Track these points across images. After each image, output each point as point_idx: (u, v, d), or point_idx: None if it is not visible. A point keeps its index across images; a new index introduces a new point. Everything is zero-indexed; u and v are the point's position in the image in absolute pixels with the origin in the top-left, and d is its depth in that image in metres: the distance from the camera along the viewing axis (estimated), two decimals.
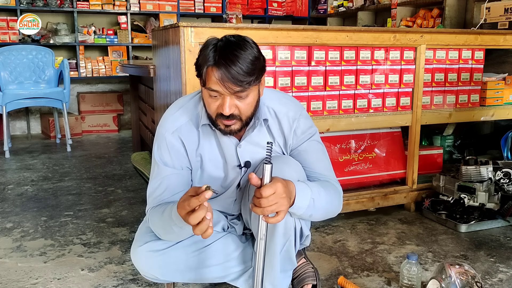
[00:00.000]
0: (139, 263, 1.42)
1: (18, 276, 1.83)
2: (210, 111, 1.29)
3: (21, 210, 2.60)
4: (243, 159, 1.41)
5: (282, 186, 1.14)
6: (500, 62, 3.03)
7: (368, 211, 2.51)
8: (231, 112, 1.24)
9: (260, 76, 1.26)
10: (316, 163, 1.43)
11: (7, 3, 4.77)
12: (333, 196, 1.38)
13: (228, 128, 1.29)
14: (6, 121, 4.13)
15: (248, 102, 1.26)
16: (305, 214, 1.29)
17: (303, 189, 1.26)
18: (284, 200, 1.14)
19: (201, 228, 1.10)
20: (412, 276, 1.65)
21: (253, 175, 1.13)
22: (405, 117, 2.47)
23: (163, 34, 2.40)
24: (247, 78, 1.19)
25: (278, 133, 1.43)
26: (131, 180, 3.21)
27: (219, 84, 1.20)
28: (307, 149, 1.44)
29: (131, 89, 3.84)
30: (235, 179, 1.45)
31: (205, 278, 1.46)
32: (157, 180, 1.39)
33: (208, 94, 1.26)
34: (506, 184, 2.37)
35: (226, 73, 1.18)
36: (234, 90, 1.20)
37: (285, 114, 1.42)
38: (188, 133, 1.38)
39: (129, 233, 2.26)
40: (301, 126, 1.43)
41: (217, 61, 1.19)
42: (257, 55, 1.24)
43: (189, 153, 1.40)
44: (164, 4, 5.36)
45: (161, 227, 1.34)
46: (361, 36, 2.26)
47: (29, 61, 4.37)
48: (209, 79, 1.22)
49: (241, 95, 1.23)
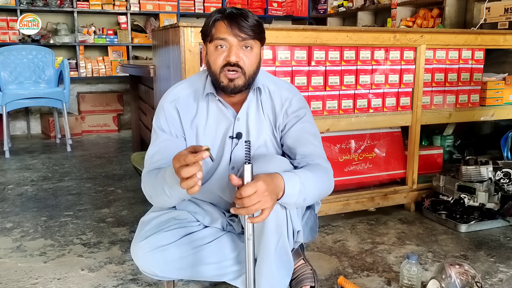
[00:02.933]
0: (139, 259, 1.42)
1: (18, 276, 1.83)
2: (216, 66, 1.36)
3: (21, 210, 2.60)
4: (237, 130, 1.46)
5: (264, 184, 1.13)
6: (500, 62, 3.03)
7: (368, 211, 2.51)
8: (237, 60, 1.33)
9: (263, 37, 1.39)
10: (306, 146, 1.44)
11: (7, 3, 4.77)
12: (322, 175, 1.37)
13: (232, 82, 1.36)
14: (6, 121, 4.13)
15: (252, 57, 1.36)
16: (299, 200, 1.28)
17: (291, 177, 1.25)
18: (267, 197, 1.14)
19: (189, 183, 1.13)
20: (412, 276, 1.65)
21: (233, 176, 1.14)
22: (405, 117, 2.47)
23: (163, 34, 2.40)
24: (253, 29, 1.33)
25: (270, 111, 1.47)
26: (131, 180, 3.21)
27: (228, 32, 1.31)
28: (298, 131, 1.46)
29: (131, 89, 3.84)
30: (227, 151, 1.47)
31: (203, 276, 1.46)
32: (154, 145, 1.46)
33: (215, 48, 1.35)
34: (506, 184, 2.37)
35: (234, 22, 1.31)
36: (242, 37, 1.32)
37: (278, 93, 1.48)
38: (186, 104, 1.46)
39: (129, 233, 2.26)
40: (293, 106, 1.47)
41: (227, 15, 1.33)
42: (258, 20, 1.37)
43: (184, 123, 1.46)
44: (164, 4, 5.36)
45: (152, 188, 1.37)
46: (361, 36, 2.26)
47: (29, 61, 4.37)
48: (218, 30, 1.33)
49: (247, 44, 1.34)
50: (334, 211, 2.35)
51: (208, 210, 1.53)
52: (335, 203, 2.35)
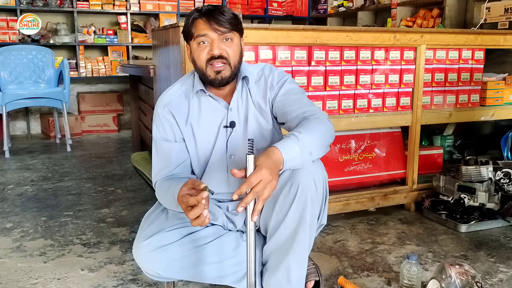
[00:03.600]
0: (141, 260, 1.42)
1: (18, 276, 1.83)
2: (200, 62, 1.41)
3: (21, 210, 2.60)
4: (230, 120, 1.49)
5: (267, 171, 1.15)
6: (500, 62, 3.03)
7: (368, 211, 2.51)
8: (220, 53, 1.39)
9: (240, 28, 1.45)
10: (296, 103, 1.46)
11: (7, 3, 4.77)
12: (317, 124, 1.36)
13: (219, 74, 1.41)
14: (6, 121, 4.13)
15: (233, 48, 1.42)
16: (305, 157, 1.28)
17: (286, 143, 1.26)
18: (272, 182, 1.17)
19: (198, 222, 1.20)
20: (412, 276, 1.65)
21: (235, 170, 1.17)
22: (405, 117, 2.47)
23: (163, 34, 2.41)
24: (231, 21, 1.39)
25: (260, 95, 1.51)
26: (131, 180, 3.21)
27: (208, 28, 1.37)
28: (284, 95, 1.49)
29: (131, 89, 3.84)
30: (222, 141, 1.49)
31: (205, 277, 1.46)
32: (157, 156, 1.51)
33: (197, 45, 1.40)
34: (506, 184, 2.37)
35: (212, 18, 1.37)
36: (221, 30, 1.37)
37: (261, 74, 1.53)
38: (178, 104, 1.50)
39: (129, 233, 2.26)
40: (275, 78, 1.52)
41: (204, 13, 1.39)
42: (234, 13, 1.44)
43: (180, 123, 1.49)
44: (164, 4, 5.36)
45: (167, 204, 1.44)
46: (361, 36, 2.26)
47: (29, 61, 4.36)
48: (197, 28, 1.39)
49: (227, 37, 1.39)
50: (334, 211, 2.35)
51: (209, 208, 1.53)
52: (335, 203, 2.35)
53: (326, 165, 1.45)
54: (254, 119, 1.50)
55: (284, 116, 1.47)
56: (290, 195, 1.32)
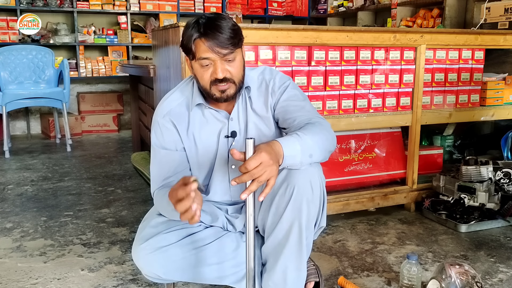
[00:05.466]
0: (141, 262, 1.41)
1: (18, 276, 1.83)
2: (204, 82, 1.38)
3: (21, 210, 2.60)
4: (231, 130, 1.48)
5: (267, 154, 1.14)
6: (500, 62, 3.02)
7: (368, 211, 2.51)
8: (224, 75, 1.36)
9: (241, 41, 1.40)
10: (299, 110, 1.46)
11: (7, 3, 4.77)
12: (320, 129, 1.37)
13: (224, 93, 1.39)
14: (6, 121, 4.13)
15: (236, 65, 1.38)
16: (304, 158, 1.28)
17: (288, 139, 1.26)
18: (272, 166, 1.15)
19: (187, 216, 1.18)
20: (412, 276, 1.65)
21: (235, 150, 1.16)
22: (405, 117, 2.47)
23: (163, 34, 2.41)
24: (232, 41, 1.34)
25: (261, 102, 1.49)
26: (131, 180, 3.21)
27: (209, 51, 1.32)
28: (286, 100, 1.48)
29: (131, 89, 3.84)
30: (224, 150, 1.49)
31: (205, 278, 1.46)
32: (155, 163, 1.49)
33: (200, 66, 1.37)
34: (506, 184, 2.37)
35: (214, 40, 1.32)
36: (223, 53, 1.33)
37: (263, 80, 1.51)
38: (179, 114, 1.48)
39: (129, 233, 2.26)
40: (277, 83, 1.51)
41: (204, 33, 1.33)
42: (234, 24, 1.39)
43: (181, 133, 1.47)
44: (164, 4, 5.36)
45: (164, 210, 1.44)
46: (361, 36, 2.26)
47: (29, 61, 4.37)
48: (199, 50, 1.34)
49: (229, 58, 1.35)
50: (334, 211, 2.35)
51: (208, 209, 1.53)
52: (335, 203, 2.35)
53: (326, 165, 1.45)
54: (254, 127, 1.49)
55: (286, 122, 1.46)
56: (286, 196, 1.31)
